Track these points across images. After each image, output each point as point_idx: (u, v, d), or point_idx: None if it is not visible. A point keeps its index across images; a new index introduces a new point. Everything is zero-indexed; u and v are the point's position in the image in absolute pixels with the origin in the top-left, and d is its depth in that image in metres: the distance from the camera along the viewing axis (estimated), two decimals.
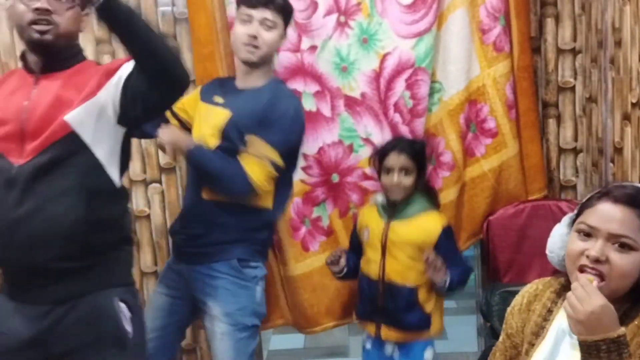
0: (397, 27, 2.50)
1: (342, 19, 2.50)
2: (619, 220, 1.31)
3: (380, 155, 2.35)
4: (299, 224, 2.59)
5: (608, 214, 1.33)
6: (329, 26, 2.49)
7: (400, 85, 2.52)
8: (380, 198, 2.39)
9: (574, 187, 2.78)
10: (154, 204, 2.80)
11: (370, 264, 2.34)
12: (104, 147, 1.76)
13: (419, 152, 2.32)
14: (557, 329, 1.43)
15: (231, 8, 2.51)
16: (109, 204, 1.79)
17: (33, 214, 1.67)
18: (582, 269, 1.33)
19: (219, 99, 2.23)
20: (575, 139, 2.77)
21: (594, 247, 1.32)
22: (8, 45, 2.64)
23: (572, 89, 2.74)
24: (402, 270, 2.29)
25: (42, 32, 1.69)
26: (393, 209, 2.33)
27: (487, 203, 2.68)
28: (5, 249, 1.72)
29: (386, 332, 2.34)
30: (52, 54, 1.75)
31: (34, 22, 1.68)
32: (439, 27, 2.54)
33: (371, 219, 2.37)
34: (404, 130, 2.55)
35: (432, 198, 2.40)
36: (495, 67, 2.60)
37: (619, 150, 2.33)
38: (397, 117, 2.54)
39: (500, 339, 1.57)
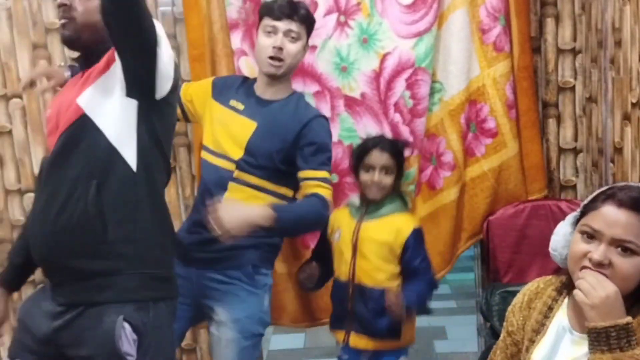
0: (397, 27, 2.50)
1: (342, 18, 2.50)
2: (623, 224, 1.32)
3: (360, 151, 2.28)
4: None
5: (612, 218, 1.33)
6: (329, 26, 2.49)
7: (400, 85, 2.52)
8: (355, 199, 2.33)
9: (574, 187, 2.78)
10: None
11: (341, 265, 2.27)
12: (116, 128, 1.63)
13: (400, 151, 2.27)
14: (557, 326, 1.44)
15: (231, 9, 2.51)
16: (122, 191, 1.64)
17: (46, 206, 1.63)
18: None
19: (238, 105, 2.21)
20: (575, 139, 2.77)
21: (597, 251, 1.32)
22: (8, 45, 2.64)
23: (572, 89, 2.74)
24: (372, 270, 2.21)
25: (63, 26, 1.68)
26: (365, 209, 2.27)
27: (487, 203, 2.68)
28: (32, 244, 1.70)
29: (355, 340, 2.25)
30: (85, 50, 1.73)
31: (60, 19, 1.69)
32: (440, 26, 2.54)
33: (343, 220, 2.30)
34: (404, 130, 2.54)
35: (404, 200, 2.33)
36: (495, 67, 2.60)
37: (619, 150, 2.33)
38: (397, 117, 2.54)
39: (501, 336, 1.59)
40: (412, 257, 2.21)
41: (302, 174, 2.12)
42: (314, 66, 2.51)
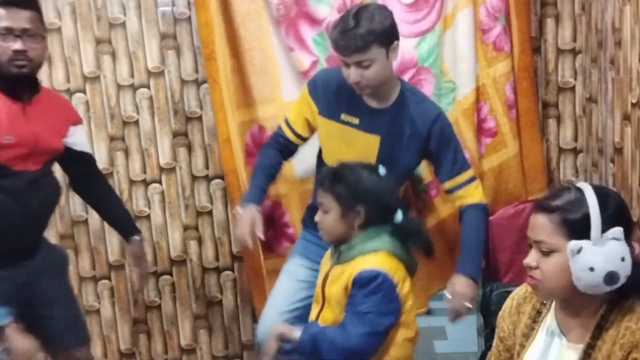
0: (399, 27, 2.48)
1: None
2: (535, 226, 1.41)
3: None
4: None
5: (532, 223, 1.43)
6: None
7: None
8: None
9: None
10: (154, 204, 2.80)
11: (311, 315, 2.00)
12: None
13: (348, 187, 1.89)
14: (546, 330, 1.47)
15: (271, 8, 2.48)
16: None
17: (42, 205, 2.13)
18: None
19: (352, 119, 2.16)
20: (575, 139, 2.77)
21: (528, 256, 1.43)
22: None
23: (572, 89, 2.74)
24: (335, 324, 1.89)
25: (20, 67, 2.00)
26: (338, 253, 1.94)
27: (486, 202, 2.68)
28: (16, 231, 2.06)
29: None
30: (31, 82, 2.11)
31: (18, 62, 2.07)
32: (448, 25, 2.53)
33: (324, 262, 2.03)
34: None
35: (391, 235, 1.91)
36: (495, 67, 2.60)
37: (619, 150, 2.33)
38: None
39: (494, 343, 1.60)
40: (352, 301, 1.85)
41: (450, 183, 2.20)
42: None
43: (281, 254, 2.63)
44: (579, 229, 1.35)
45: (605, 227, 1.35)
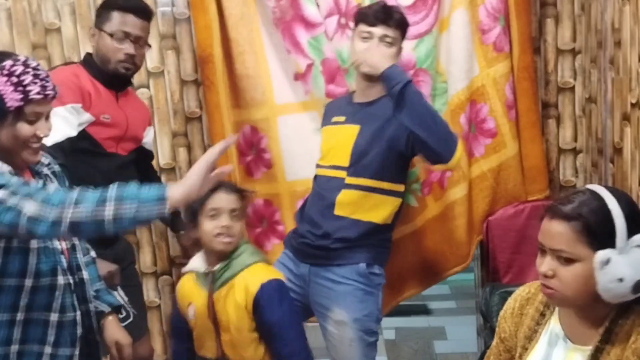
0: None
1: (343, 20, 2.49)
2: (554, 235, 1.36)
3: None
4: None
5: (548, 231, 1.38)
6: (330, 28, 2.49)
7: None
8: (198, 262, 2.01)
9: (574, 188, 2.78)
10: None
11: (206, 345, 2.01)
12: None
13: (245, 194, 2.00)
14: (550, 333, 1.45)
15: (267, 11, 2.49)
16: None
17: None
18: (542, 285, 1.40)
19: (339, 118, 2.26)
20: (575, 140, 2.77)
21: (542, 264, 1.38)
22: (8, 45, 2.64)
23: (572, 89, 2.74)
24: (239, 347, 1.95)
25: (127, 69, 2.23)
26: (212, 275, 1.96)
27: (486, 203, 2.68)
28: None
29: None
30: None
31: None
32: (444, 27, 2.53)
33: (193, 293, 2.01)
34: None
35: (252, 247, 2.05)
36: (495, 68, 2.60)
37: (618, 150, 2.33)
38: None
39: (494, 343, 1.58)
40: (267, 316, 1.91)
41: None
42: None
43: (269, 250, 2.64)
44: (603, 237, 1.31)
45: (629, 234, 1.31)
